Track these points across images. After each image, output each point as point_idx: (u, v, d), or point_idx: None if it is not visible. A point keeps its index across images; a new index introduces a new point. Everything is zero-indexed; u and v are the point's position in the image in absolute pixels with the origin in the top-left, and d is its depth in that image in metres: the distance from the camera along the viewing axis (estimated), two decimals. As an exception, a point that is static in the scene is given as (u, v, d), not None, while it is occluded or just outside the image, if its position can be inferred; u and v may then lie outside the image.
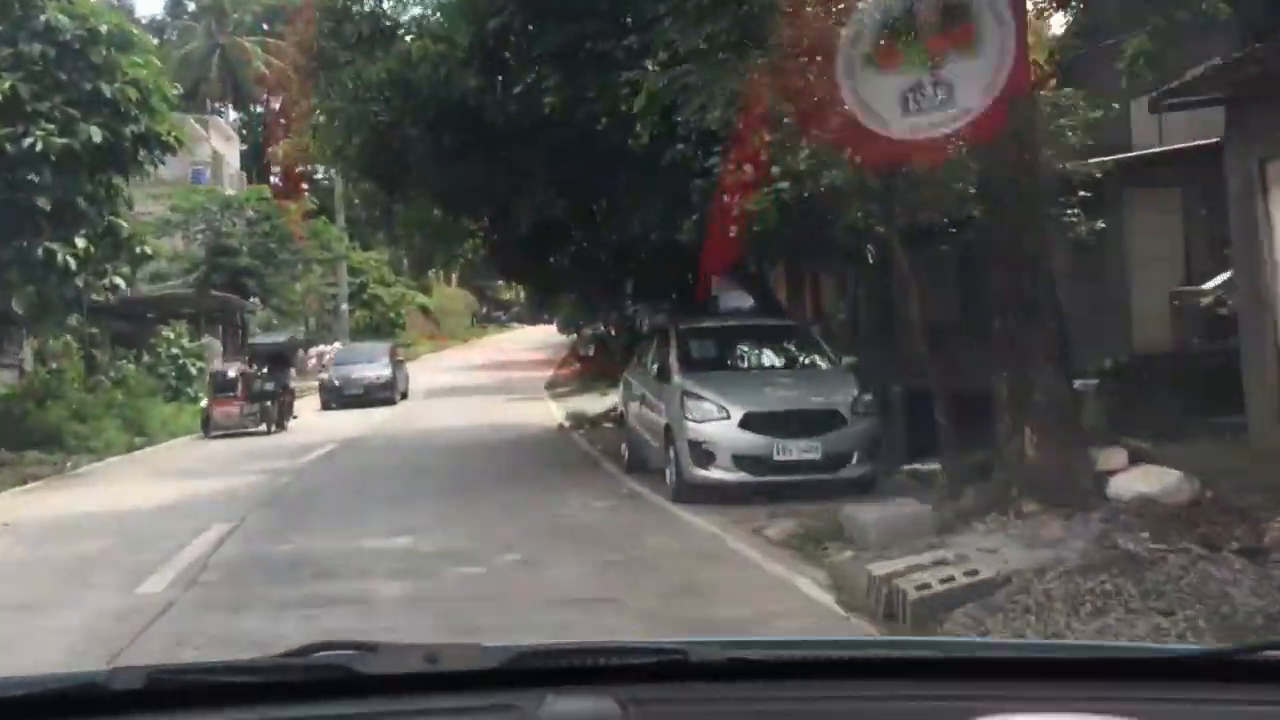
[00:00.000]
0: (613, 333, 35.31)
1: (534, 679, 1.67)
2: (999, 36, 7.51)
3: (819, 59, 9.60)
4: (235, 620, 7.63)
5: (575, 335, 37.11)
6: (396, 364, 32.26)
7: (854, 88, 7.84)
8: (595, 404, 24.01)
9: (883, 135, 7.91)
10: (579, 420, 22.24)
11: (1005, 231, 9.12)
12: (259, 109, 60.58)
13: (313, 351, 38.47)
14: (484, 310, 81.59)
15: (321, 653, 1.78)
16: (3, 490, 16.19)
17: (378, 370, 30.93)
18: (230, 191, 37.73)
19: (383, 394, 30.09)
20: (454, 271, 44.86)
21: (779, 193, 10.41)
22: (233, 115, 61.47)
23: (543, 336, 63.21)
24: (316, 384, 31.59)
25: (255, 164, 51.37)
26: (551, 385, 33.66)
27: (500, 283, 59.63)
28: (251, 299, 34.48)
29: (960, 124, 7.81)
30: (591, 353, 34.98)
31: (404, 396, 31.73)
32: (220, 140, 42.95)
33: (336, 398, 29.97)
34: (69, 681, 1.69)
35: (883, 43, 7.82)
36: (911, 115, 7.63)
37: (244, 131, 60.85)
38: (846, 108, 8.29)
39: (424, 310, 56.37)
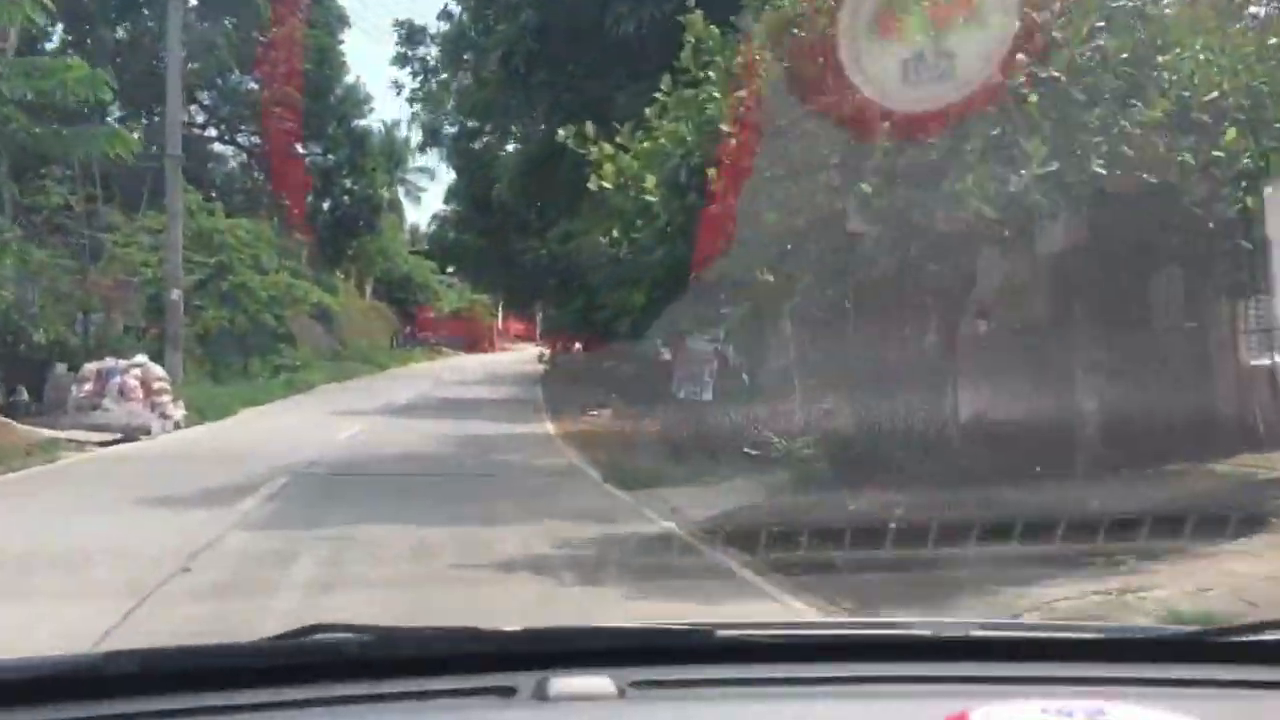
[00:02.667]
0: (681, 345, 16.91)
1: (533, 661, 1.64)
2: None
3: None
4: None
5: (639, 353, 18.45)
6: None
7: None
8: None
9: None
10: None
11: None
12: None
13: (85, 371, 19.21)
14: (407, 330, 66.32)
15: (319, 635, 1.73)
16: None
17: None
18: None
19: None
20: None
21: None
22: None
23: (490, 364, 51.28)
24: None
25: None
26: (619, 471, 13.60)
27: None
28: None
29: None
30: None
31: None
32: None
33: None
34: (63, 665, 1.65)
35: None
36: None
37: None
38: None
39: (325, 314, 35.83)
